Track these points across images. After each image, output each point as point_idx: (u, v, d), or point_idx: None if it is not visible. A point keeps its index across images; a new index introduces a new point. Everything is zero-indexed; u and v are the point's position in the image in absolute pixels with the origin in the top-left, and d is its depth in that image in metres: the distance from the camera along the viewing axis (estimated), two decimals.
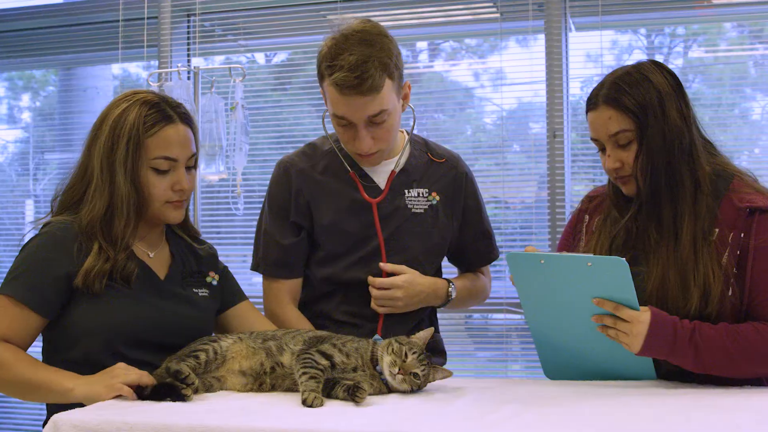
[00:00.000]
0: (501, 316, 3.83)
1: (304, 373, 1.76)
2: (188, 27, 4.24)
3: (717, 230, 1.91)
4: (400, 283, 2.24)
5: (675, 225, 1.93)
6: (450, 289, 2.34)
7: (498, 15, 3.93)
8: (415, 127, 2.40)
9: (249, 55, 4.44)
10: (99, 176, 1.95)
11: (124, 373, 1.76)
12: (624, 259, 1.79)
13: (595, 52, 3.84)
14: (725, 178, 1.97)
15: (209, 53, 4.35)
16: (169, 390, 1.72)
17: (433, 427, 1.51)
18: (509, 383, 2.07)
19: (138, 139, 1.94)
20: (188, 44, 4.24)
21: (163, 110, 1.97)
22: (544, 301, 1.94)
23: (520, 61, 3.90)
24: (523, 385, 1.98)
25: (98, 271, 1.89)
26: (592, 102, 2.01)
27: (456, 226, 2.37)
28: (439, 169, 2.36)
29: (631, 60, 3.85)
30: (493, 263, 2.54)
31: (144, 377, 1.76)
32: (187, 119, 2.02)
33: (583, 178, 3.87)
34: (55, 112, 4.81)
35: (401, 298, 2.24)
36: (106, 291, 1.91)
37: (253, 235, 2.40)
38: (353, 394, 1.69)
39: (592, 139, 2.04)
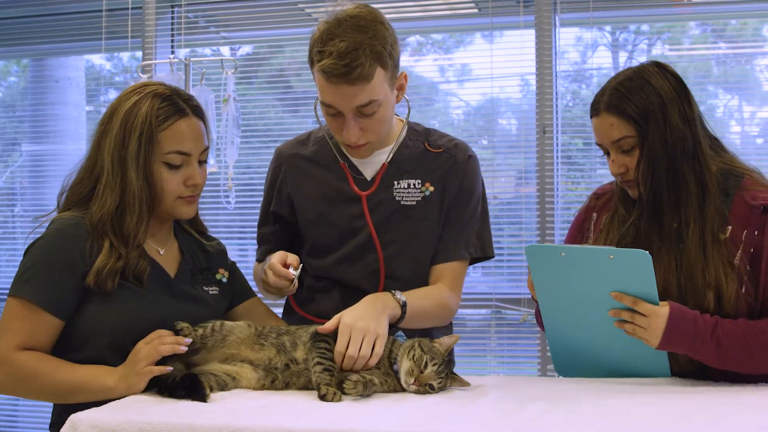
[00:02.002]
0: (484, 311, 3.82)
1: (318, 363, 1.74)
2: (172, 18, 4.17)
3: (730, 228, 1.92)
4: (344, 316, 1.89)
5: (679, 230, 1.94)
6: (396, 294, 2.03)
7: (476, 10, 3.92)
8: (409, 118, 2.28)
9: (215, 48, 4.38)
10: (110, 171, 1.88)
11: (146, 355, 1.75)
12: (648, 252, 1.79)
13: (562, 48, 3.85)
14: (735, 176, 1.98)
15: (193, 44, 4.29)
16: (190, 389, 1.69)
17: (463, 427, 1.50)
18: (524, 381, 2.06)
19: (151, 132, 1.88)
20: (172, 35, 4.17)
21: (175, 103, 1.92)
22: (561, 295, 1.93)
23: (504, 57, 3.88)
24: (538, 382, 1.98)
25: (110, 269, 1.83)
26: (595, 108, 2.01)
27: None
28: (435, 159, 2.25)
29: (596, 56, 3.92)
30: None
31: (164, 349, 1.76)
32: (199, 112, 1.97)
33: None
34: (17, 103, 4.71)
35: (365, 322, 1.86)
36: (118, 290, 1.85)
37: (239, 230, 2.36)
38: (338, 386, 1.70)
39: (596, 143, 2.05)
